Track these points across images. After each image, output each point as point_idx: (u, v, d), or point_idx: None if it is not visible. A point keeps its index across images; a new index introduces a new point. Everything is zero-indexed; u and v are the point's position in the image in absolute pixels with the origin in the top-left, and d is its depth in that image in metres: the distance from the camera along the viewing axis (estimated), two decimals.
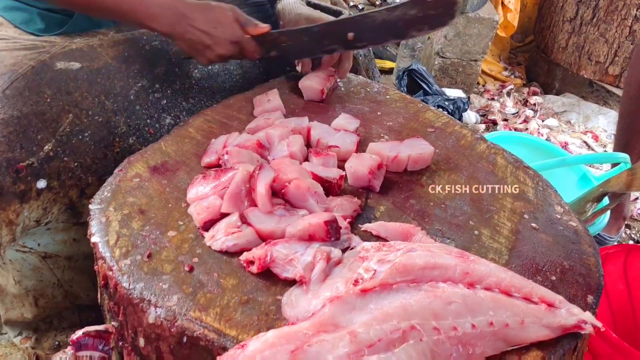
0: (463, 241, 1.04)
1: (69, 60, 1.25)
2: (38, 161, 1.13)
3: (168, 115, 1.35)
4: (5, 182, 1.07)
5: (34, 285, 1.36)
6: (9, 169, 1.08)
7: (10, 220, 1.10)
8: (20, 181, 1.10)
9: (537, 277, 0.98)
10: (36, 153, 1.13)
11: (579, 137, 3.14)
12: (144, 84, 1.33)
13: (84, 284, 1.40)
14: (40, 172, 1.13)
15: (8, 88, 1.16)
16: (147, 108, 1.32)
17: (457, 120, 1.42)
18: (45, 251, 1.32)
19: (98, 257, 0.94)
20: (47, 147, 1.14)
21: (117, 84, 1.28)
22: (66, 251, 1.34)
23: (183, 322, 0.84)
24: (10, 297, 1.39)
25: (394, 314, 0.82)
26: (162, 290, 0.88)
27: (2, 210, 1.08)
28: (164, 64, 1.39)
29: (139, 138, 1.28)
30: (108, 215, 1.00)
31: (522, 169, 1.25)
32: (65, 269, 1.36)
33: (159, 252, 0.94)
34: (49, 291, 1.38)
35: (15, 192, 1.09)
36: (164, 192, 1.07)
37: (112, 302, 0.93)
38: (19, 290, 1.37)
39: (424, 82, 2.89)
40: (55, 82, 1.21)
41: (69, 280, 1.39)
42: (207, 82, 1.46)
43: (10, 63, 1.21)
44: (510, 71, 3.70)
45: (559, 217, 1.13)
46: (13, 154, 1.09)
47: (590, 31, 3.22)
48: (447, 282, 0.88)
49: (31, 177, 1.11)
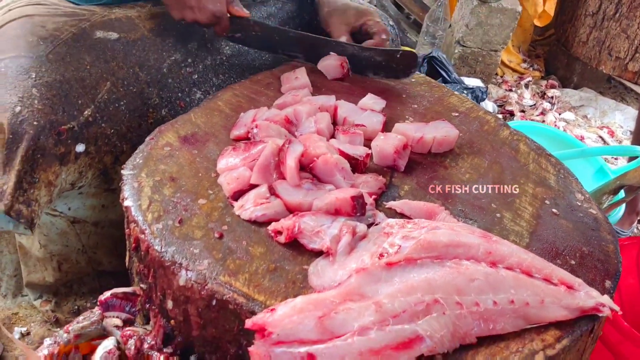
0: (485, 223, 1.06)
1: (107, 30, 1.27)
2: (78, 125, 1.15)
3: (198, 90, 1.37)
4: (48, 143, 1.10)
5: (59, 250, 1.39)
6: (52, 131, 1.11)
7: (50, 182, 1.12)
8: (61, 144, 1.12)
9: (557, 261, 1.00)
10: (76, 117, 1.15)
11: (595, 132, 3.14)
12: (176, 58, 1.35)
13: (107, 250, 1.43)
14: (80, 136, 1.15)
15: (51, 52, 1.18)
16: (178, 82, 1.34)
17: (480, 106, 1.43)
18: (75, 216, 1.34)
19: (130, 220, 0.97)
20: (87, 113, 1.17)
21: (151, 56, 1.31)
22: (94, 217, 1.37)
23: (213, 286, 0.86)
24: (34, 260, 1.42)
25: (418, 288, 0.84)
26: (193, 254, 0.90)
27: (43, 171, 1.11)
28: (197, 39, 1.42)
29: (170, 110, 1.31)
30: (140, 181, 1.03)
31: (545, 156, 1.27)
32: (91, 234, 1.39)
33: (190, 219, 0.97)
34: (73, 256, 1.41)
35: (56, 154, 1.11)
36: (194, 162, 1.09)
37: (142, 264, 0.96)
38: (44, 254, 1.40)
39: (443, 70, 2.89)
40: (94, 50, 1.23)
41: (94, 246, 1.42)
42: (237, 59, 1.47)
43: (52, 28, 1.23)
44: (529, 63, 3.69)
45: (580, 204, 1.15)
46: (56, 117, 1.12)
47: (612, 26, 3.21)
48: (470, 260, 0.90)
49: (71, 141, 1.14)
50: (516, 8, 3.01)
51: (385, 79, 1.42)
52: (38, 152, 1.09)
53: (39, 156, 1.09)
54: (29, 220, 1.09)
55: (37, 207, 1.11)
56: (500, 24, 3.04)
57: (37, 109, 1.10)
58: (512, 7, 3.01)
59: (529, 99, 3.30)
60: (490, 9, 3.00)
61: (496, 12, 3.01)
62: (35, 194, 1.10)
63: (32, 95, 1.10)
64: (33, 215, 1.10)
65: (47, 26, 1.23)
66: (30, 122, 1.08)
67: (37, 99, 1.10)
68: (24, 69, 1.13)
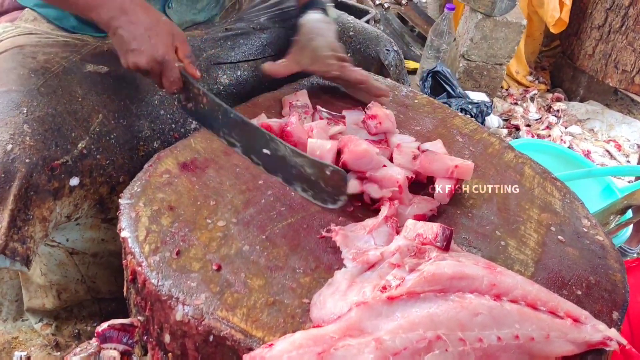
0: (489, 251, 1.04)
1: (97, 64, 1.26)
2: (72, 159, 1.13)
3: (194, 120, 1.35)
4: (41, 180, 1.08)
5: (58, 280, 1.38)
6: (45, 167, 1.09)
7: (44, 217, 1.11)
8: (55, 179, 1.10)
9: (563, 291, 0.98)
10: (70, 151, 1.13)
11: (601, 146, 3.12)
12: None
13: (106, 279, 1.42)
14: (74, 170, 1.14)
15: (42, 85, 1.16)
16: (171, 113, 1.32)
17: (484, 127, 1.41)
18: (73, 247, 1.33)
19: (127, 252, 0.95)
20: (81, 145, 1.15)
21: (141, 89, 1.29)
22: (93, 248, 1.35)
23: (210, 321, 0.85)
24: (35, 286, 1.41)
25: (420, 323, 0.82)
26: (190, 288, 0.89)
27: (37, 208, 1.09)
28: None
29: (163, 142, 1.29)
30: (138, 211, 1.01)
31: (550, 180, 1.25)
32: (90, 264, 1.38)
33: (188, 250, 0.95)
34: (72, 286, 1.40)
35: (49, 189, 1.10)
36: (193, 189, 1.08)
37: (139, 297, 0.94)
38: (44, 281, 1.38)
39: (448, 84, 2.87)
40: (85, 83, 1.22)
41: (93, 276, 1.40)
42: (235, 88, 1.46)
43: (43, 59, 1.22)
44: (534, 76, 3.67)
45: (586, 230, 1.13)
46: (48, 152, 1.10)
47: (619, 39, 3.19)
48: (474, 293, 0.88)
49: (65, 175, 1.12)
50: (521, 22, 2.99)
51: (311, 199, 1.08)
52: (31, 189, 1.07)
53: (32, 193, 1.07)
54: (24, 258, 1.08)
55: (32, 243, 1.09)
56: (505, 38, 3.02)
57: (29, 145, 1.08)
58: (517, 21, 2.99)
59: (535, 112, 3.28)
60: (495, 23, 2.98)
61: (501, 26, 2.99)
62: (30, 230, 1.09)
63: (24, 132, 1.09)
64: (28, 252, 1.08)
65: (38, 57, 1.22)
66: (22, 160, 1.06)
67: (28, 135, 1.09)
68: (15, 103, 1.12)
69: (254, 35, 1.52)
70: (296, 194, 1.09)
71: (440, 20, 3.03)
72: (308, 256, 0.97)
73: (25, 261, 1.08)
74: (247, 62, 1.49)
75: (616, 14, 3.17)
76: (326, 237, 1.00)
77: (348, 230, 1.01)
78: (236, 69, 1.47)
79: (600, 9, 3.23)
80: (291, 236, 1.01)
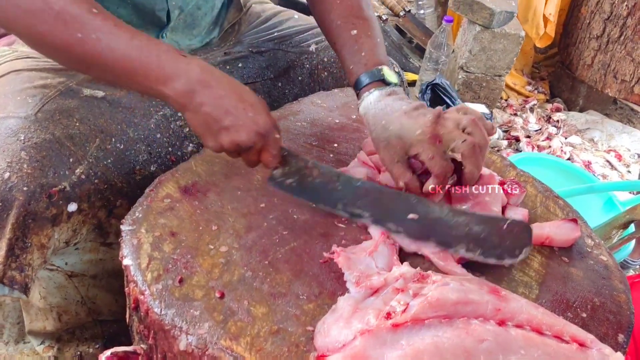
0: (493, 273, 1.03)
1: (93, 89, 1.26)
2: (70, 185, 1.13)
3: (191, 143, 1.35)
4: (39, 207, 1.07)
5: (58, 303, 1.37)
6: (43, 194, 1.08)
7: (42, 244, 1.10)
8: (53, 205, 1.10)
9: (568, 314, 0.97)
10: (68, 177, 1.13)
11: (602, 156, 3.12)
12: (165, 113, 1.33)
13: (106, 300, 1.41)
14: (72, 196, 1.13)
15: (40, 111, 1.16)
16: (168, 136, 1.32)
17: None
18: (72, 270, 1.32)
19: (130, 280, 0.95)
20: (79, 171, 1.15)
21: (137, 112, 1.28)
22: (92, 270, 1.34)
23: (214, 351, 0.84)
24: (35, 309, 1.40)
25: (425, 351, 0.82)
26: (193, 317, 0.88)
27: (35, 235, 1.08)
28: None
29: (160, 166, 1.29)
30: (139, 237, 1.01)
31: (552, 199, 1.25)
32: (90, 286, 1.37)
33: (190, 277, 0.95)
34: (73, 308, 1.39)
35: (47, 216, 1.09)
36: (195, 214, 1.07)
37: (142, 325, 0.94)
38: (44, 304, 1.38)
39: (447, 96, 2.87)
40: (82, 107, 1.21)
41: (93, 297, 1.39)
42: None
43: (40, 85, 1.21)
44: (533, 86, 3.67)
45: (590, 250, 1.13)
46: (46, 179, 1.09)
47: (617, 49, 3.20)
48: (479, 319, 0.88)
49: (63, 201, 1.11)
50: (519, 33, 3.00)
51: (483, 259, 0.99)
52: (29, 217, 1.07)
53: (30, 221, 1.07)
54: (22, 286, 1.07)
55: (31, 271, 1.09)
56: (503, 49, 3.03)
57: (26, 173, 1.07)
58: (515, 32, 3.00)
59: (535, 123, 3.28)
60: (493, 35, 2.99)
61: (499, 38, 3.00)
62: (28, 258, 1.08)
63: (21, 159, 1.08)
64: (27, 280, 1.08)
65: (35, 82, 1.22)
66: (19, 188, 1.06)
67: (26, 163, 1.08)
68: (12, 130, 1.11)
69: (252, 59, 1.52)
70: (299, 217, 1.08)
71: (439, 32, 3.04)
72: (311, 282, 0.97)
73: (24, 289, 1.08)
74: (246, 85, 1.48)
75: (614, 24, 3.18)
76: (329, 262, 0.99)
77: (349, 252, 1.00)
78: None
79: (599, 19, 3.24)
80: (294, 261, 1.00)
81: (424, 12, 3.94)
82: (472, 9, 2.96)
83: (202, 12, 1.45)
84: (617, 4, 3.15)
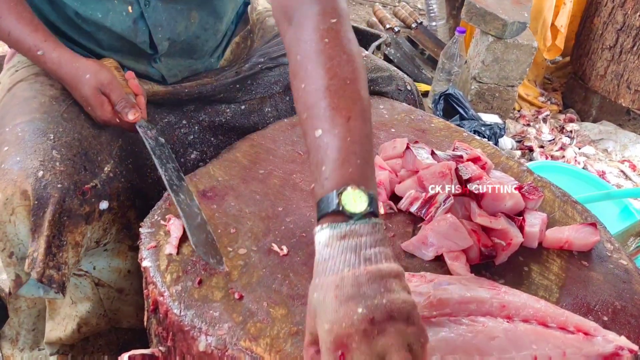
0: (513, 277, 1.03)
1: None
2: (100, 183, 1.14)
3: (195, 150, 1.36)
4: (74, 205, 1.08)
5: (82, 314, 1.37)
6: (76, 191, 1.09)
7: (77, 242, 1.11)
8: (86, 203, 1.10)
9: (589, 317, 0.96)
10: (98, 174, 1.14)
11: (616, 166, 3.10)
12: (170, 120, 1.34)
13: (128, 313, 1.40)
14: (103, 194, 1.14)
15: (65, 111, 1.17)
16: (172, 143, 1.34)
17: (502, 151, 1.40)
18: (100, 277, 1.32)
19: (149, 282, 0.95)
20: (107, 168, 1.16)
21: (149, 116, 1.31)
22: (119, 283, 1.34)
23: (234, 352, 0.84)
24: (62, 315, 1.39)
25: (436, 347, 0.81)
26: (212, 318, 0.88)
27: (70, 233, 1.09)
28: (194, 102, 1.42)
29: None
30: (159, 240, 1.01)
31: (570, 204, 1.24)
32: (115, 300, 1.36)
33: (209, 279, 0.95)
34: (94, 321, 1.38)
35: (81, 214, 1.10)
36: (213, 217, 1.08)
37: (160, 327, 0.94)
38: (72, 311, 1.37)
39: (460, 107, 2.87)
40: None
41: (115, 310, 1.39)
42: (238, 121, 1.46)
43: (61, 86, 1.24)
44: (546, 97, 3.66)
45: (609, 254, 1.12)
46: (79, 177, 1.10)
47: (630, 59, 3.19)
48: (487, 316, 0.87)
49: (95, 199, 1.12)
50: (532, 43, 3.00)
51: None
52: (64, 214, 1.07)
53: (66, 218, 1.07)
54: (60, 285, 1.07)
55: (67, 269, 1.09)
56: (516, 60, 3.03)
57: (59, 170, 1.08)
58: (528, 43, 3.00)
59: (548, 133, 3.27)
60: (506, 45, 2.99)
61: (512, 48, 3.00)
62: (64, 257, 1.09)
63: (53, 158, 1.09)
64: (64, 279, 1.08)
65: (56, 85, 1.24)
66: (54, 186, 1.06)
67: (58, 161, 1.09)
68: (41, 131, 1.13)
69: (262, 74, 1.51)
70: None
71: (451, 43, 3.05)
72: None
73: (61, 288, 1.07)
74: (252, 100, 1.49)
75: (627, 34, 3.17)
76: None
77: None
78: (240, 104, 1.47)
79: (611, 29, 3.23)
80: (312, 263, 0.99)
81: (435, 24, 3.95)
82: (484, 19, 2.96)
83: (202, 40, 1.45)
84: (629, 15, 3.14)
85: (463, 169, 1.13)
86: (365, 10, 4.59)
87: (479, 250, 1.02)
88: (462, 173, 1.12)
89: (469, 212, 1.10)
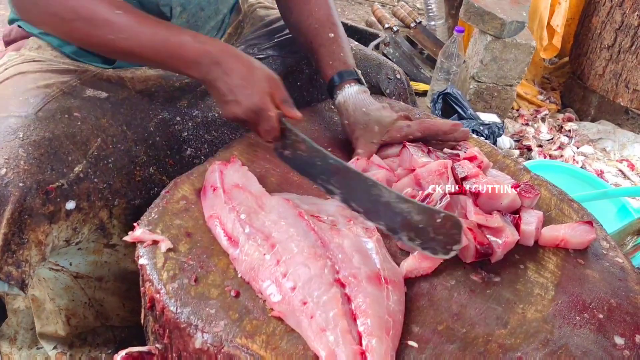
0: (509, 275, 1.03)
1: (96, 89, 1.28)
2: (68, 183, 1.13)
3: (189, 147, 1.36)
4: (35, 204, 1.08)
5: (66, 305, 1.37)
6: (39, 190, 1.09)
7: (40, 241, 1.11)
8: (50, 202, 1.10)
9: (585, 315, 0.97)
10: (66, 174, 1.14)
11: (614, 166, 3.10)
12: (164, 117, 1.34)
13: (114, 304, 1.41)
14: (70, 194, 1.14)
15: (40, 110, 1.17)
16: (166, 140, 1.33)
17: (499, 150, 1.41)
18: (77, 271, 1.32)
19: (145, 279, 0.95)
20: (78, 169, 1.15)
21: (137, 115, 1.30)
22: (97, 272, 1.34)
23: (230, 349, 0.84)
24: (47, 312, 1.40)
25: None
26: (209, 315, 0.88)
27: (32, 231, 1.09)
28: (187, 98, 1.42)
29: (159, 168, 1.30)
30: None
31: (567, 202, 1.24)
32: (96, 289, 1.37)
33: (206, 276, 0.95)
34: (80, 311, 1.39)
35: (44, 213, 1.10)
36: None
37: (157, 324, 0.94)
38: (53, 306, 1.38)
39: (458, 106, 2.87)
40: (84, 107, 1.23)
41: (100, 300, 1.39)
42: None
43: (43, 85, 1.23)
44: (545, 96, 3.67)
45: (605, 252, 1.12)
46: (43, 176, 1.10)
47: (629, 59, 3.19)
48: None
49: (60, 199, 1.12)
50: (530, 43, 3.00)
51: (421, 250, 1.03)
52: (25, 213, 1.07)
53: (27, 217, 1.08)
54: (19, 282, 1.08)
55: (28, 267, 1.09)
56: (515, 59, 3.03)
57: (23, 169, 1.08)
58: (526, 42, 3.00)
59: (546, 133, 3.27)
60: (504, 45, 2.99)
61: (511, 48, 3.00)
62: (25, 254, 1.09)
63: (19, 156, 1.09)
64: (24, 276, 1.08)
65: (39, 83, 1.23)
66: (15, 184, 1.06)
67: (23, 160, 1.09)
68: (12, 129, 1.13)
69: None
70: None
71: (450, 42, 3.05)
72: None
73: (21, 285, 1.08)
74: None
75: (626, 34, 3.17)
76: None
77: None
78: None
79: (610, 29, 3.24)
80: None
81: (434, 23, 3.96)
82: (483, 19, 2.96)
83: (205, 15, 1.44)
84: (628, 14, 3.15)
85: (459, 167, 1.14)
86: (364, 10, 4.59)
87: (475, 248, 1.03)
88: (459, 171, 1.13)
89: (465, 210, 1.11)
